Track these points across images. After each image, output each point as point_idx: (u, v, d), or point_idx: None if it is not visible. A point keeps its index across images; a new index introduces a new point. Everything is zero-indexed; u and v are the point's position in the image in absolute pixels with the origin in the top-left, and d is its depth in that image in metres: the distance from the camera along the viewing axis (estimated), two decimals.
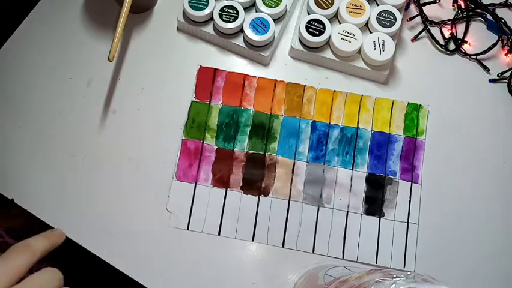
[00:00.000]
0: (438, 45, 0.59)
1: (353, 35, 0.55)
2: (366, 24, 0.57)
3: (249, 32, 0.55)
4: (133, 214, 0.52)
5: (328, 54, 0.56)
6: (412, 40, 0.60)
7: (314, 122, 0.56)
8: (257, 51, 0.56)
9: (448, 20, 0.60)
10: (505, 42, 0.60)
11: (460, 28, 0.61)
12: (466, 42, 0.60)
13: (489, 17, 0.61)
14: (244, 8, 0.56)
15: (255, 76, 0.57)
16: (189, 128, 0.55)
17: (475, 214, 0.54)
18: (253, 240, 0.52)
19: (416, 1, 0.61)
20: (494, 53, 0.60)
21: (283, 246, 0.52)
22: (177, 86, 0.57)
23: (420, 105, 0.57)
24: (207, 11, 0.55)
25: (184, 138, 0.55)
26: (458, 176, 0.55)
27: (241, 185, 0.54)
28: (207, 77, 0.57)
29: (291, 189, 0.54)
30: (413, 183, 0.54)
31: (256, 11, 0.57)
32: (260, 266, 0.51)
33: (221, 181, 0.54)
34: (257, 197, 0.53)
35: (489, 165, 0.55)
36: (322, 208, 0.53)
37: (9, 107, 0.55)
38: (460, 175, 0.55)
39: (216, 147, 0.55)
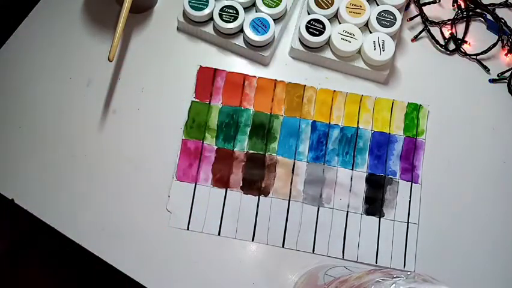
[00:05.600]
0: (438, 45, 0.59)
1: (353, 35, 0.55)
2: (366, 24, 0.57)
3: (249, 32, 0.55)
4: (133, 214, 0.52)
5: (328, 54, 0.56)
6: (412, 40, 0.60)
7: (314, 122, 0.56)
8: (257, 51, 0.56)
9: (448, 20, 0.60)
10: (505, 42, 0.60)
11: (460, 28, 0.61)
12: (466, 42, 0.60)
13: (489, 17, 0.61)
14: (244, 8, 0.56)
15: (255, 76, 0.57)
16: (189, 128, 0.55)
17: (475, 214, 0.54)
18: (253, 240, 0.52)
19: (416, 1, 0.61)
20: (494, 53, 0.60)
21: (283, 246, 0.52)
22: (177, 86, 0.57)
23: (420, 105, 0.57)
24: (207, 11, 0.55)
25: (184, 138, 0.55)
26: (458, 175, 0.55)
27: (241, 185, 0.54)
28: (207, 77, 0.57)
29: (291, 189, 0.54)
30: (413, 183, 0.54)
31: (256, 11, 0.57)
32: (260, 266, 0.51)
33: (221, 181, 0.54)
34: (257, 197, 0.53)
35: (489, 165, 0.55)
36: (322, 208, 0.53)
37: (9, 107, 0.55)
38: (460, 175, 0.55)
39: (216, 147, 0.55)
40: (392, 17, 0.56)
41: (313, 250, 0.52)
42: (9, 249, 0.68)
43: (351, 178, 0.54)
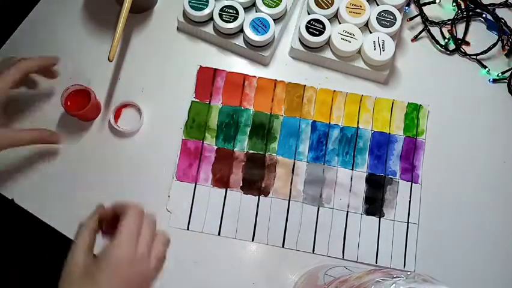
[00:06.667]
0: (438, 45, 0.59)
1: (353, 35, 0.55)
2: (366, 24, 0.57)
3: (249, 32, 0.55)
4: None
5: (328, 54, 0.56)
6: (412, 40, 0.60)
7: (314, 122, 0.56)
8: (257, 51, 0.56)
9: (448, 20, 0.60)
10: (505, 42, 0.60)
11: (460, 28, 0.61)
12: (466, 42, 0.60)
13: (489, 17, 0.61)
14: (244, 8, 0.56)
15: (255, 76, 0.57)
16: (189, 128, 0.55)
17: (475, 214, 0.54)
18: (253, 240, 0.52)
19: (416, 1, 0.61)
20: (494, 53, 0.60)
21: (283, 246, 0.52)
22: (177, 86, 0.57)
23: (420, 105, 0.57)
24: (207, 11, 0.55)
25: (184, 138, 0.55)
26: (458, 175, 0.55)
27: (241, 185, 0.54)
28: (207, 77, 0.57)
29: (291, 189, 0.54)
30: (413, 183, 0.54)
31: (256, 11, 0.57)
32: (260, 266, 0.51)
33: (221, 181, 0.54)
34: (257, 197, 0.53)
35: (489, 165, 0.55)
36: (322, 208, 0.53)
37: (9, 107, 0.55)
38: (460, 175, 0.55)
39: (216, 147, 0.55)
40: (392, 17, 0.56)
41: (313, 250, 0.52)
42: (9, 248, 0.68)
43: (351, 178, 0.54)
